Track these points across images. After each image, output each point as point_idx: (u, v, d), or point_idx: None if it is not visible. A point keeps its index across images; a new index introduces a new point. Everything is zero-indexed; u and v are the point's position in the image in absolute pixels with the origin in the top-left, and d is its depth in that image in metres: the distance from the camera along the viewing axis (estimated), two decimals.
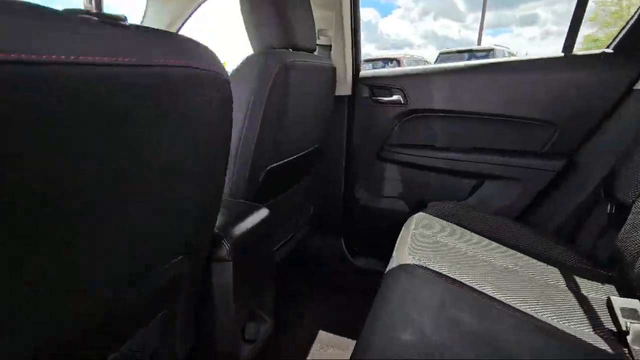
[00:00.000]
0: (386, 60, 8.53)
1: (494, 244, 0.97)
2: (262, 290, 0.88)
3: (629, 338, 0.63)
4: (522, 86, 1.23)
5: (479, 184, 1.38)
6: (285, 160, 1.08)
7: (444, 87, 1.33)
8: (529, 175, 1.27)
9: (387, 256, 0.93)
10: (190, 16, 1.71)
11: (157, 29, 0.40)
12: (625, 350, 0.62)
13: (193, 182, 0.53)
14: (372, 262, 1.57)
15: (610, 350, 0.62)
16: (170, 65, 0.39)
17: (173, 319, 0.63)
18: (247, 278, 0.78)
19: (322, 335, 1.30)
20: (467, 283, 0.77)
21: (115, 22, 0.35)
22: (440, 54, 8.47)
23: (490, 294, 0.74)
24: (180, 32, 1.71)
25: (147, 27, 0.39)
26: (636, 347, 0.61)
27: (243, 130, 0.91)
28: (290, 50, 1.01)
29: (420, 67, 1.42)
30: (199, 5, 1.67)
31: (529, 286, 0.80)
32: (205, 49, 0.45)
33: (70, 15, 0.32)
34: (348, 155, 1.51)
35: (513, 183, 1.30)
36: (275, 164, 1.04)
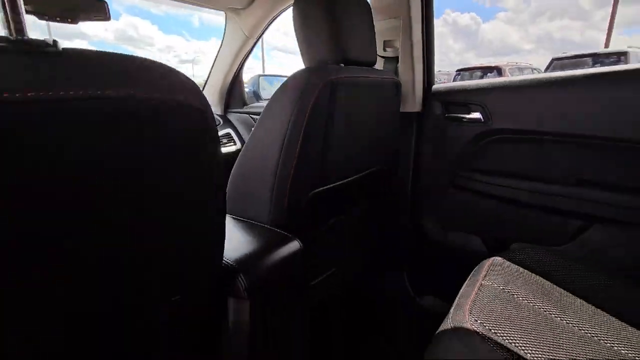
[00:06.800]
0: (486, 70, 7.69)
1: (593, 311, 0.72)
2: (290, 339, 0.79)
3: None
4: None
5: (584, 227, 1.08)
6: (334, 184, 0.98)
7: (536, 102, 1.08)
8: None
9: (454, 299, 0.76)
10: (265, 31, 1.74)
11: (98, 53, 0.34)
12: None
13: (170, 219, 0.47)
14: (438, 303, 1.36)
15: None
16: (122, 97, 0.33)
17: None
18: (270, 322, 0.70)
19: None
20: None
21: (40, 48, 0.30)
22: (554, 59, 7.11)
23: None
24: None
25: (84, 51, 0.33)
26: None
27: (281, 152, 0.83)
28: (342, 65, 0.91)
29: (505, 79, 1.18)
30: (273, 19, 1.69)
31: None
32: (169, 73, 0.38)
33: None
34: (415, 181, 1.34)
35: (633, 229, 0.99)
36: (321, 188, 0.94)
